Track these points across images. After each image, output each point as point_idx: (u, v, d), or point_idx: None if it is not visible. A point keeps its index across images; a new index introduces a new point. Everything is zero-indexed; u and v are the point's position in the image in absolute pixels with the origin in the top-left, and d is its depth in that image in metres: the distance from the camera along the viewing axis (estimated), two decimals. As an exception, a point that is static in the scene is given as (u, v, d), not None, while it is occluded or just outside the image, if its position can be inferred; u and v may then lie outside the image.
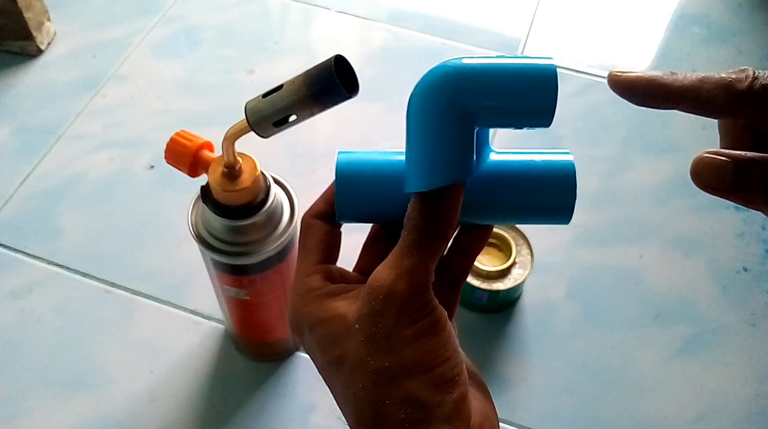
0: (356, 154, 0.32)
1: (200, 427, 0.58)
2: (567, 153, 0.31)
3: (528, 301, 0.65)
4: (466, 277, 0.34)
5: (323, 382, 0.31)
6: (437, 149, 0.28)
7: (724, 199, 0.27)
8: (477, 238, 0.33)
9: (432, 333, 0.28)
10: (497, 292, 0.61)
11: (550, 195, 0.30)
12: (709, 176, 0.26)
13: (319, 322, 0.29)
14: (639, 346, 0.63)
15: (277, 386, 0.60)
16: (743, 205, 0.27)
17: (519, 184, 0.30)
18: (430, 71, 0.28)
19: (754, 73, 0.27)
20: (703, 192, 0.27)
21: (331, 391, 0.30)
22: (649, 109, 0.30)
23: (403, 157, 0.31)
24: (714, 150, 0.26)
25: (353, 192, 0.31)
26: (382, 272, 0.28)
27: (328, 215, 0.33)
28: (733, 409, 0.60)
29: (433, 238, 0.28)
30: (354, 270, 0.34)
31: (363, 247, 0.34)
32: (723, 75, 0.27)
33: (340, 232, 0.33)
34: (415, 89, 0.28)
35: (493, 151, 0.31)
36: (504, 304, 0.64)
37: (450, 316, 0.33)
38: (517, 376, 0.61)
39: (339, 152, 0.32)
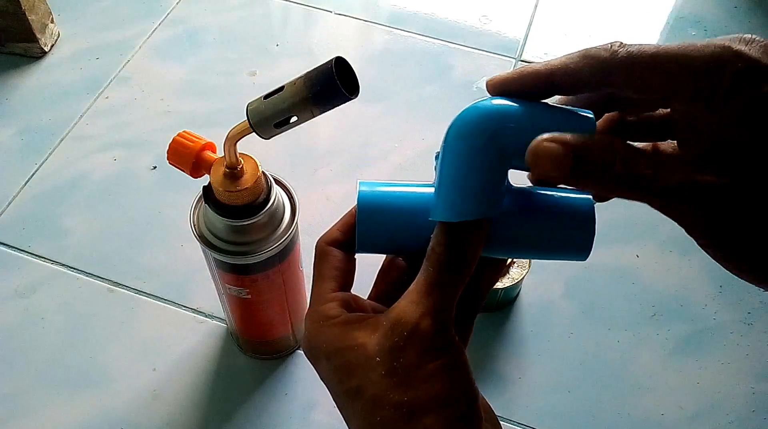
0: (377, 185, 0.32)
1: (202, 424, 0.58)
2: (588, 195, 0.31)
3: (526, 300, 0.66)
4: (481, 307, 0.34)
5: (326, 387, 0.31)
6: (471, 183, 0.28)
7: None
8: (493, 270, 0.33)
9: (452, 369, 0.28)
10: (496, 291, 0.62)
11: (568, 233, 0.30)
12: (548, 165, 0.25)
13: (336, 351, 0.29)
14: (636, 344, 0.64)
15: (279, 384, 0.60)
16: (579, 188, 0.27)
17: (538, 221, 0.30)
18: (472, 106, 0.28)
19: (621, 43, 0.26)
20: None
21: (346, 421, 0.30)
22: None
23: (424, 189, 0.31)
24: (548, 136, 0.25)
25: (375, 225, 0.31)
26: (407, 308, 0.28)
27: (344, 243, 0.32)
28: (730, 406, 0.61)
29: (457, 274, 0.28)
30: (368, 298, 0.34)
31: (377, 276, 0.34)
32: (591, 47, 0.26)
33: (355, 260, 0.33)
34: (455, 121, 0.28)
35: (512, 186, 0.31)
36: (502, 303, 0.65)
37: (465, 345, 0.33)
38: (515, 374, 0.62)
39: (360, 183, 0.32)
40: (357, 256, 0.33)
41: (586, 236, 0.30)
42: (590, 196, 0.31)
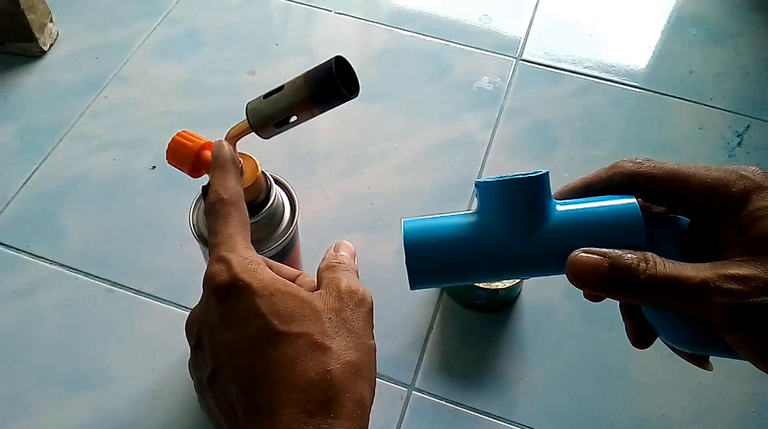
0: (418, 221, 0.33)
1: (201, 425, 0.58)
2: (630, 197, 0.31)
3: (527, 300, 0.66)
4: None
5: None
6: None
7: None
8: None
9: (375, 352, 0.32)
10: (496, 291, 0.62)
11: (621, 239, 0.30)
12: (587, 275, 0.29)
13: (274, 293, 0.31)
14: (637, 344, 0.64)
15: (278, 384, 0.60)
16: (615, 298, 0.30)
17: (590, 233, 0.31)
18: None
19: (646, 158, 0.31)
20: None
21: (257, 355, 0.30)
22: (646, 109, 0.32)
23: (468, 219, 0.32)
24: (587, 249, 0.30)
25: (424, 259, 0.32)
26: (353, 283, 0.33)
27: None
28: (730, 407, 0.61)
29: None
30: None
31: None
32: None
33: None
34: None
35: (557, 202, 0.32)
36: (503, 304, 0.65)
37: None
38: (516, 375, 0.61)
39: (404, 221, 0.33)
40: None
41: (639, 240, 0.30)
42: (635, 202, 0.31)
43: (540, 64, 0.84)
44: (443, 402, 0.60)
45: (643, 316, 0.32)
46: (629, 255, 0.29)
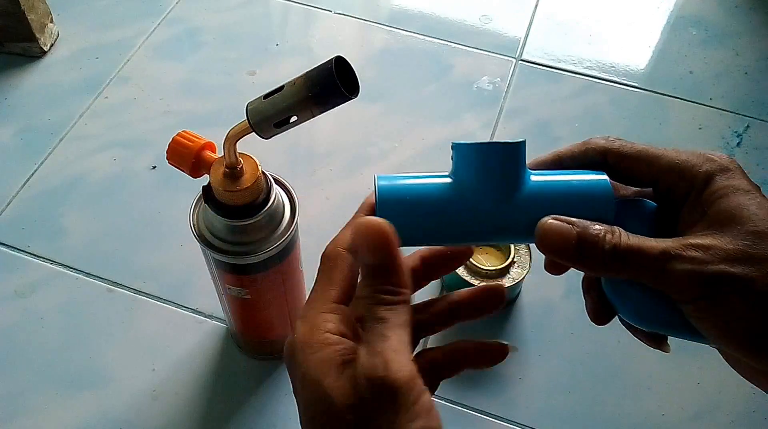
0: (395, 178, 0.32)
1: (202, 425, 0.58)
2: (602, 173, 0.32)
3: (526, 299, 0.66)
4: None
5: None
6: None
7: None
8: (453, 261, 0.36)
9: None
10: (496, 291, 0.62)
11: (591, 212, 0.31)
12: (555, 241, 0.29)
13: (311, 384, 0.27)
14: (636, 344, 0.63)
15: (279, 384, 0.60)
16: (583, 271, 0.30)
17: (561, 204, 0.31)
18: None
19: (617, 137, 0.32)
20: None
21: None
22: (646, 109, 0.33)
23: (442, 180, 0.32)
24: (557, 216, 0.30)
25: (398, 218, 0.30)
26: (366, 360, 0.26)
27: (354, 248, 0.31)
28: (730, 406, 0.61)
29: (394, 310, 0.28)
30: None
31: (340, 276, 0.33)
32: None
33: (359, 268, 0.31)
34: None
35: (531, 173, 0.32)
36: (503, 303, 0.65)
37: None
38: (516, 374, 0.61)
39: (378, 177, 0.32)
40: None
41: (608, 214, 0.31)
42: (606, 178, 0.32)
43: (540, 64, 0.84)
44: (443, 402, 0.60)
45: (603, 292, 0.32)
46: (597, 226, 0.29)
